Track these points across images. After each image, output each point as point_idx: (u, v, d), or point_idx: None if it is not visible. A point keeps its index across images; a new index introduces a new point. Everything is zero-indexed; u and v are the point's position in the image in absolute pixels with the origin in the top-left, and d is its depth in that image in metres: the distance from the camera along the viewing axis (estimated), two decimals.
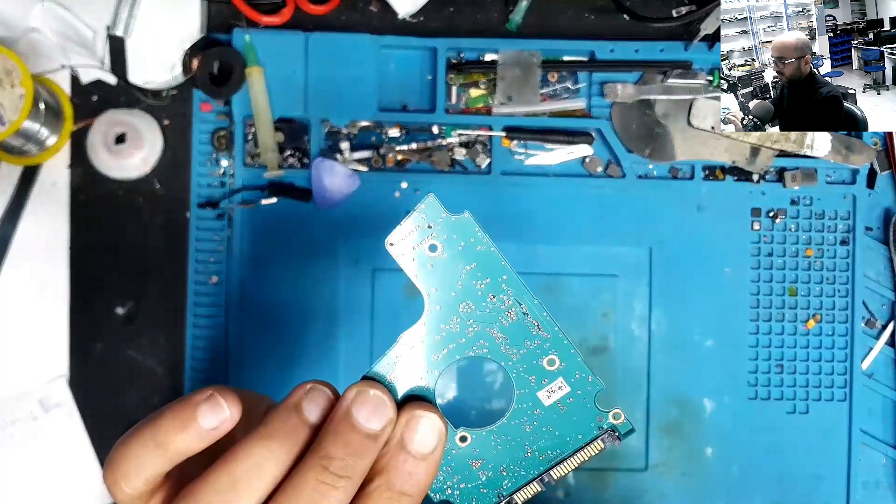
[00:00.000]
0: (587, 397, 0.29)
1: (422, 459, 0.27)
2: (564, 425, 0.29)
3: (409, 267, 0.27)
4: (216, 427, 0.26)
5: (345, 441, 0.26)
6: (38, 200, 0.53)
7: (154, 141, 0.53)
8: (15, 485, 0.52)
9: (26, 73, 0.48)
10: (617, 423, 0.29)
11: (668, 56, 0.53)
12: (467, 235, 0.27)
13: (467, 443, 0.29)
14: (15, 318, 0.53)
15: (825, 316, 0.53)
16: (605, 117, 0.53)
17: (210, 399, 0.26)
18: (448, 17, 0.54)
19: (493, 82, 0.53)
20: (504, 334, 0.28)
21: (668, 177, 0.54)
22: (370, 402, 0.26)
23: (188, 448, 0.26)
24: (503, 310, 0.28)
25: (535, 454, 0.29)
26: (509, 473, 0.29)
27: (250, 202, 0.52)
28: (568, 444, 0.29)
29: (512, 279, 0.28)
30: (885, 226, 0.54)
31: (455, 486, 0.29)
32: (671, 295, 0.53)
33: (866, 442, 0.53)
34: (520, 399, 0.29)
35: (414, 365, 0.28)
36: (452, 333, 0.28)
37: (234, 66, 0.51)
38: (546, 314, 0.28)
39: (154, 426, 0.26)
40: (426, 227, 0.27)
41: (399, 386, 0.28)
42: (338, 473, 0.25)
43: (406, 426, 0.27)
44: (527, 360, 0.28)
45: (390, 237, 0.27)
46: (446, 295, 0.27)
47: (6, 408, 0.52)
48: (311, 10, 0.52)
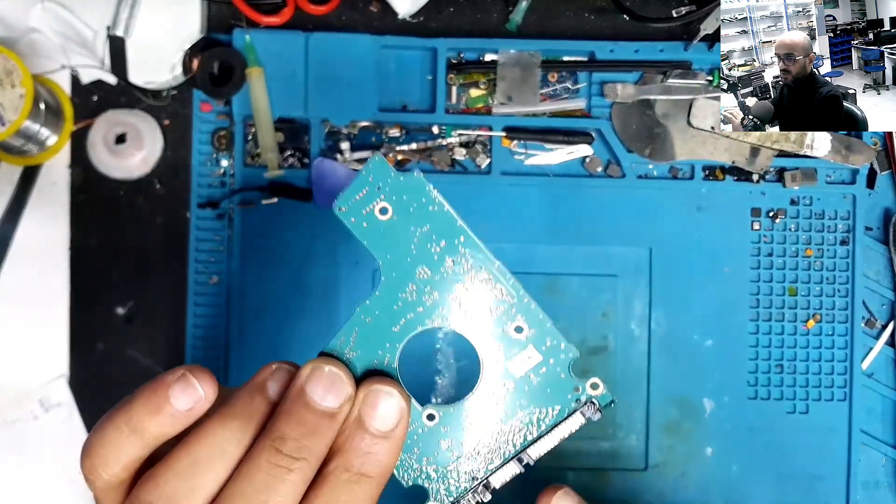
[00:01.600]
0: (561, 366, 0.27)
1: (382, 438, 0.25)
2: (538, 398, 0.27)
3: (362, 233, 0.26)
4: (191, 408, 0.24)
5: (298, 420, 0.24)
6: (38, 200, 0.53)
7: (154, 141, 0.53)
8: (15, 485, 0.53)
9: (26, 73, 0.48)
10: (595, 393, 0.27)
11: (667, 56, 0.53)
12: (418, 196, 0.26)
13: (435, 421, 0.27)
14: (15, 318, 0.53)
15: (825, 316, 0.53)
16: (605, 117, 0.53)
17: (182, 379, 0.25)
18: (448, 17, 0.54)
19: (493, 82, 0.53)
20: (466, 301, 0.26)
21: (668, 177, 0.54)
22: (325, 378, 0.25)
23: (164, 431, 0.25)
24: (463, 275, 0.26)
25: (510, 432, 0.27)
26: (483, 453, 0.27)
27: (250, 202, 0.52)
28: (544, 420, 0.27)
29: (469, 240, 0.26)
30: (884, 226, 0.54)
31: (425, 470, 0.27)
32: (671, 295, 0.53)
33: (866, 442, 0.53)
34: (488, 371, 0.27)
35: (373, 339, 0.26)
36: (410, 302, 0.26)
37: (234, 67, 0.51)
38: (510, 276, 0.26)
39: (127, 411, 0.25)
40: (375, 188, 0.26)
41: (358, 362, 0.26)
42: (292, 455, 0.24)
43: (364, 402, 0.25)
44: (492, 328, 0.26)
45: (338, 201, 0.26)
46: (401, 261, 0.26)
47: (6, 408, 0.52)
48: (311, 10, 0.52)
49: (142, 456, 0.25)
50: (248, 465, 0.24)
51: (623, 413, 0.53)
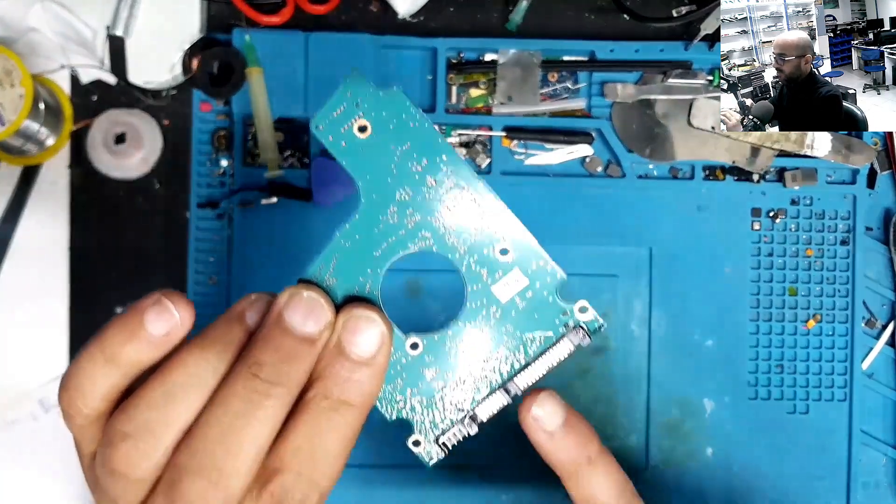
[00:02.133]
0: (548, 289, 0.26)
1: (363, 364, 0.24)
2: (525, 324, 0.26)
3: (340, 152, 0.25)
4: (167, 333, 0.24)
5: (276, 346, 0.23)
6: (37, 201, 0.53)
7: (154, 141, 0.53)
8: (14, 485, 0.52)
9: (26, 73, 0.48)
10: (584, 318, 0.26)
11: (668, 56, 0.53)
12: (398, 112, 0.25)
13: (419, 350, 0.26)
14: (15, 318, 0.53)
15: (825, 316, 0.53)
16: (605, 117, 0.53)
17: (157, 304, 0.24)
18: (448, 17, 0.54)
19: (493, 82, 0.53)
20: (448, 223, 0.25)
21: (669, 177, 0.54)
22: (304, 303, 0.24)
23: (140, 359, 0.24)
24: (445, 195, 0.25)
25: (496, 359, 0.26)
26: (469, 383, 0.26)
27: (250, 202, 0.52)
28: (532, 347, 0.26)
29: (452, 158, 0.25)
30: (885, 226, 0.54)
31: (409, 402, 0.26)
32: (671, 295, 0.53)
33: (866, 442, 0.53)
34: (473, 296, 0.26)
35: (353, 264, 0.25)
36: (391, 225, 0.25)
37: (233, 66, 0.51)
38: (494, 196, 0.25)
39: (102, 339, 0.24)
40: (354, 105, 0.25)
41: (338, 289, 0.25)
42: (269, 381, 0.23)
43: (343, 328, 0.24)
44: (476, 251, 0.25)
45: (315, 119, 0.25)
46: (381, 181, 0.25)
47: (6, 408, 0.52)
48: (311, 9, 0.52)
49: (119, 386, 0.24)
50: (223, 392, 0.23)
51: (623, 413, 0.53)
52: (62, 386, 0.24)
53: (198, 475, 0.23)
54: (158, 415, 0.23)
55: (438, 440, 0.26)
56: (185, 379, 0.23)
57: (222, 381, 0.23)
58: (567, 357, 0.26)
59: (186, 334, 0.24)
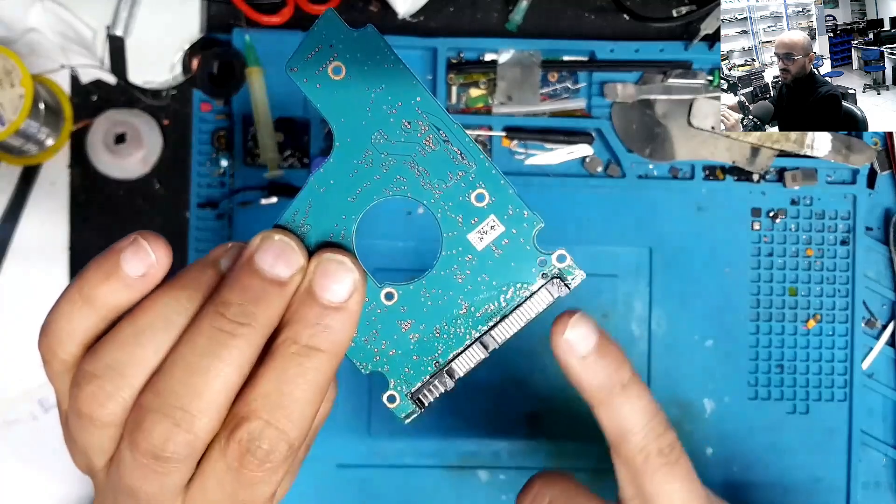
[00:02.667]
0: (524, 237, 0.25)
1: (334, 310, 0.24)
2: (502, 273, 0.25)
3: (315, 95, 0.24)
4: (144, 274, 0.23)
5: (243, 286, 0.23)
6: (37, 200, 0.53)
7: (154, 141, 0.53)
8: (14, 485, 0.52)
9: (26, 72, 0.48)
10: (562, 266, 0.26)
11: (668, 56, 0.53)
12: (373, 52, 0.24)
13: (394, 301, 0.25)
14: (15, 318, 0.53)
15: (825, 316, 0.53)
16: (605, 117, 0.53)
17: (133, 244, 0.23)
18: (448, 17, 0.54)
19: (493, 82, 0.53)
20: (424, 167, 0.24)
21: (669, 177, 0.54)
22: (275, 246, 0.24)
23: (117, 300, 0.23)
24: (420, 138, 0.24)
25: (472, 310, 0.25)
26: (444, 335, 0.25)
27: (250, 202, 0.52)
28: (509, 297, 0.25)
29: (427, 101, 0.24)
30: (885, 226, 0.54)
31: (384, 354, 0.25)
32: (671, 295, 0.53)
33: (866, 442, 0.53)
34: (448, 244, 0.25)
35: (328, 210, 0.25)
36: (366, 170, 0.24)
37: (233, 66, 0.51)
38: (469, 140, 0.25)
39: (79, 281, 0.23)
40: (328, 46, 0.24)
41: (312, 235, 0.25)
42: (236, 320, 0.23)
43: (315, 272, 0.24)
44: (452, 197, 0.25)
45: (290, 61, 0.24)
46: (356, 124, 0.24)
47: (6, 408, 0.52)
48: (312, 9, 0.52)
49: (97, 329, 0.24)
50: (190, 331, 0.23)
51: None
52: (41, 331, 0.24)
53: (161, 414, 0.22)
54: (126, 355, 0.23)
55: (414, 396, 0.26)
56: (155, 320, 0.23)
57: (191, 321, 0.23)
58: (546, 309, 0.25)
59: (163, 276, 0.24)
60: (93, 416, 0.23)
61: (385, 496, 0.52)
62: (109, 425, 0.23)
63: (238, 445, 0.23)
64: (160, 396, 0.22)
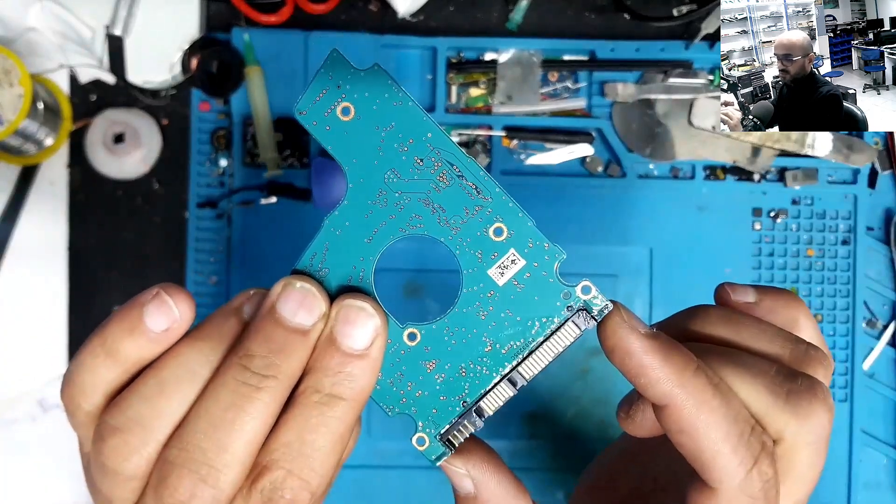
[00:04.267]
0: (546, 269, 0.24)
1: (356, 357, 0.23)
2: (526, 308, 0.24)
3: (325, 137, 0.24)
4: (166, 329, 0.23)
5: (267, 337, 0.23)
6: (36, 200, 0.53)
7: (153, 140, 0.53)
8: (14, 485, 0.52)
9: (25, 72, 0.47)
10: (587, 298, 0.24)
11: (668, 55, 0.53)
12: (380, 91, 0.24)
13: (417, 341, 0.25)
14: (14, 318, 0.52)
15: (826, 316, 0.53)
16: (605, 117, 0.53)
17: (156, 298, 0.23)
18: (448, 16, 0.54)
19: (493, 82, 0.52)
20: (439, 204, 0.24)
21: (669, 177, 0.54)
22: (296, 294, 0.23)
23: (140, 354, 0.23)
24: (433, 175, 0.24)
25: (497, 348, 0.25)
26: (470, 374, 0.25)
27: (249, 202, 0.52)
28: (534, 333, 0.24)
29: (438, 136, 0.24)
30: (886, 226, 0.54)
31: (410, 396, 0.25)
32: (671, 295, 0.53)
33: (867, 442, 0.53)
34: (469, 281, 0.24)
35: (345, 253, 0.24)
36: (381, 210, 0.24)
37: (233, 66, 0.51)
38: (484, 174, 0.24)
39: (102, 334, 0.23)
40: (336, 87, 0.24)
41: (332, 279, 0.24)
42: (260, 373, 0.22)
43: (336, 319, 0.24)
44: (470, 233, 0.24)
45: (299, 104, 0.24)
46: (368, 164, 0.24)
47: (5, 408, 0.52)
48: (311, 9, 0.52)
49: (120, 381, 0.24)
50: (214, 384, 0.23)
51: None
52: (64, 382, 0.24)
53: (187, 470, 0.22)
54: (149, 408, 0.23)
55: (443, 437, 0.25)
56: (178, 371, 0.23)
57: (214, 373, 0.23)
58: (573, 341, 0.24)
59: (186, 329, 0.24)
60: (117, 469, 0.23)
61: (385, 496, 0.52)
62: (133, 478, 0.23)
63: (260, 495, 0.23)
64: (185, 451, 0.22)
